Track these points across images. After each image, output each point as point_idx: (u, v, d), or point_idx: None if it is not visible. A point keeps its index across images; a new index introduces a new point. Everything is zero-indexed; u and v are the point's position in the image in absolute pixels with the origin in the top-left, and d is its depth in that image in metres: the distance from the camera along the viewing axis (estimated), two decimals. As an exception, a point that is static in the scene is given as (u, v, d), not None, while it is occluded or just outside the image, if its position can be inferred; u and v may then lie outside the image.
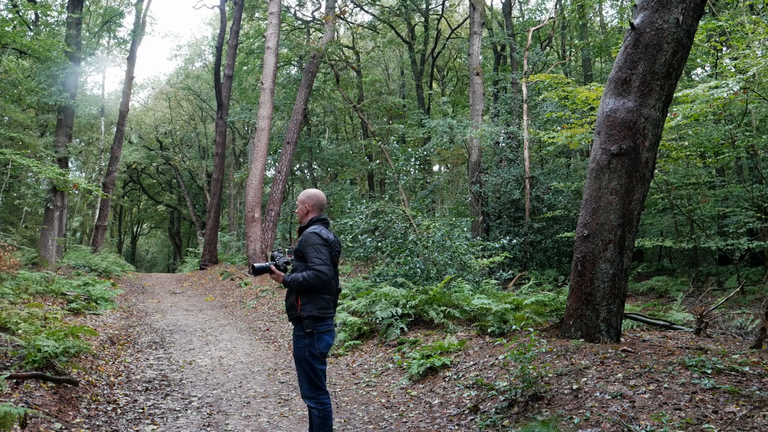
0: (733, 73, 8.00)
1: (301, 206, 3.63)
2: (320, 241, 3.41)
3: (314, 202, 3.62)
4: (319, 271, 3.32)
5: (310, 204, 3.61)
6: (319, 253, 3.38)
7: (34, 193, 18.82)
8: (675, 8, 4.85)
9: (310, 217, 3.60)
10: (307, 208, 3.61)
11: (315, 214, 3.61)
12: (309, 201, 3.61)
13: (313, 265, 3.35)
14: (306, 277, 3.33)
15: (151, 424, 4.38)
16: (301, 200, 3.64)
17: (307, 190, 3.70)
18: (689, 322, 6.87)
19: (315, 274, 3.32)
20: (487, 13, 20.62)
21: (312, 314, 3.36)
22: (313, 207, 3.61)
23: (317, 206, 3.63)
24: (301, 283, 3.35)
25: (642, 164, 4.97)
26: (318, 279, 3.33)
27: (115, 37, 23.99)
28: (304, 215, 3.62)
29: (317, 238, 3.40)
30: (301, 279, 3.35)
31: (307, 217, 3.61)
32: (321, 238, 3.41)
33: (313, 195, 3.65)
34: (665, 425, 3.20)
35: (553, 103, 13.84)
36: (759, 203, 9.93)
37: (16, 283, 8.61)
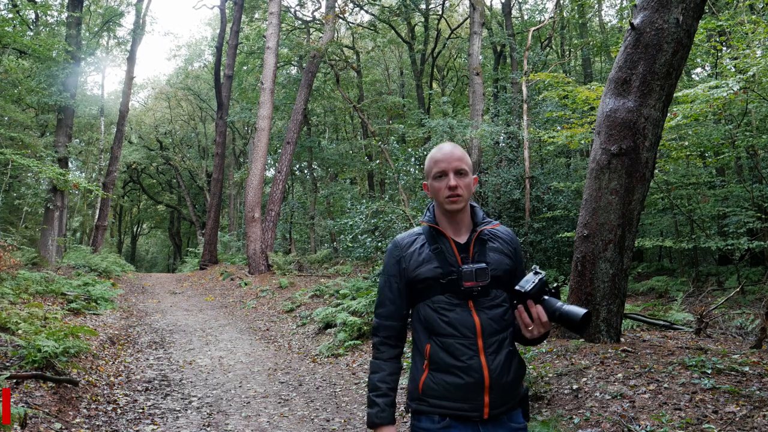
0: (733, 73, 7.99)
1: (471, 173, 1.88)
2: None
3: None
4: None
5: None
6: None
7: (34, 193, 18.81)
8: (675, 8, 4.85)
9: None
10: (475, 181, 1.92)
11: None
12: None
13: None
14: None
15: (151, 424, 4.38)
16: (468, 163, 1.87)
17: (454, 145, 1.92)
18: (689, 322, 6.87)
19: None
20: (487, 13, 20.61)
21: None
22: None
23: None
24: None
25: (642, 164, 4.97)
26: None
27: (115, 37, 23.99)
28: (472, 188, 1.88)
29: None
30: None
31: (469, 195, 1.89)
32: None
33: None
34: (665, 425, 3.20)
35: (553, 103, 13.84)
36: (759, 203, 9.92)
37: (16, 283, 8.61)
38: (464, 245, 1.83)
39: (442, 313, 1.79)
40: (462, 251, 1.82)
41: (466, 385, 1.75)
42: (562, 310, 1.66)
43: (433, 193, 1.87)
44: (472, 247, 1.83)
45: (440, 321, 1.78)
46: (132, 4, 22.57)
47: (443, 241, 1.85)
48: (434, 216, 1.94)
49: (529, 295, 1.70)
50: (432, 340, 1.80)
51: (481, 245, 1.84)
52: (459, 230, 1.87)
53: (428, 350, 1.80)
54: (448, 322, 1.78)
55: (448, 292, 1.78)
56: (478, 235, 1.85)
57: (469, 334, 1.76)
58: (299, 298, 10.43)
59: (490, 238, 1.88)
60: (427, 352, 1.80)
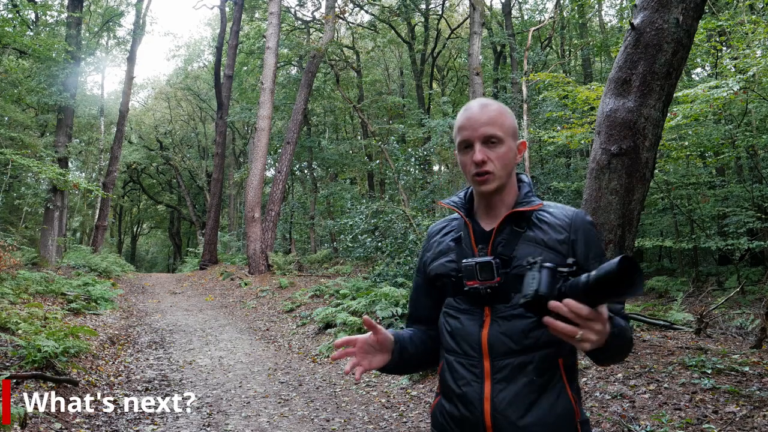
0: (733, 73, 7.99)
1: (512, 139, 1.43)
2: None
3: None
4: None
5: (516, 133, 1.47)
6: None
7: (34, 193, 18.82)
8: (675, 8, 4.85)
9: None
10: (522, 146, 1.47)
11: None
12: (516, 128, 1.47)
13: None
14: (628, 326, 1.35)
15: (151, 424, 4.38)
16: (504, 124, 1.41)
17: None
18: (689, 322, 6.86)
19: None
20: (487, 13, 20.61)
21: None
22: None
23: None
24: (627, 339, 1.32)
25: (642, 164, 4.97)
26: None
27: (115, 37, 23.99)
28: (514, 159, 1.44)
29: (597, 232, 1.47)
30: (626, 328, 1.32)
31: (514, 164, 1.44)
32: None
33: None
34: (665, 425, 3.20)
35: (553, 103, 13.84)
36: (759, 203, 9.93)
37: (16, 283, 8.60)
38: (489, 233, 1.40)
39: (447, 320, 1.42)
40: (482, 241, 1.40)
41: (462, 420, 1.34)
42: (592, 278, 1.08)
43: (461, 167, 1.44)
44: (494, 235, 1.38)
45: (444, 331, 1.43)
46: (132, 4, 22.58)
47: (465, 229, 1.44)
48: (469, 197, 1.52)
49: (541, 297, 1.14)
50: (443, 355, 1.44)
51: (510, 234, 1.38)
52: (494, 212, 1.44)
53: (440, 369, 1.45)
54: (450, 333, 1.40)
55: (458, 294, 1.40)
56: (505, 219, 1.38)
57: (470, 351, 1.35)
58: (299, 298, 10.43)
59: (530, 224, 1.38)
60: (439, 370, 1.45)
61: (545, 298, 1.14)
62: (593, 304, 1.10)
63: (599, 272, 1.07)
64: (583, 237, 1.38)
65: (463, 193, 1.54)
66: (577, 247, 1.36)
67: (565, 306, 1.10)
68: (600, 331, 1.11)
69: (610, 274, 1.04)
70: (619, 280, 1.04)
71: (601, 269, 1.07)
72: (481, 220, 1.45)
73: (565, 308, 1.10)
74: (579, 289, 1.11)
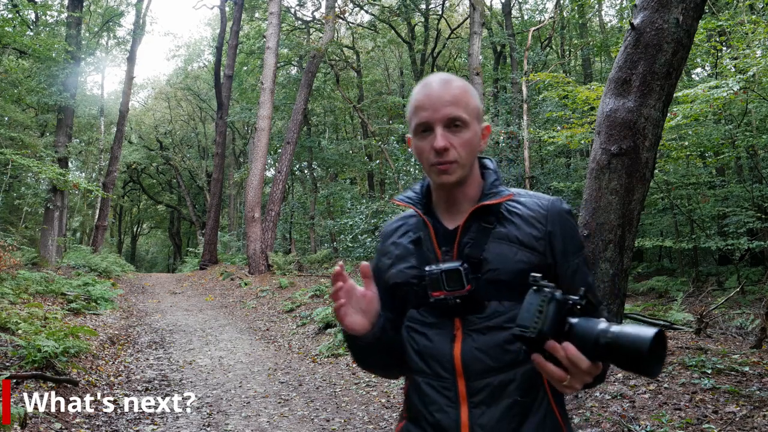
0: (733, 73, 7.99)
1: (477, 122, 1.21)
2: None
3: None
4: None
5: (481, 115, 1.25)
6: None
7: (34, 193, 18.83)
8: (675, 8, 4.85)
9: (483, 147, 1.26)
10: (486, 131, 1.27)
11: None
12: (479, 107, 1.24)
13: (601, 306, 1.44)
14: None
15: (151, 424, 4.38)
16: (468, 104, 1.19)
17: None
18: (689, 322, 6.86)
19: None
20: (487, 13, 20.61)
21: None
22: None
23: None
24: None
25: (642, 164, 4.97)
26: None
27: (115, 37, 24.00)
28: (478, 145, 1.23)
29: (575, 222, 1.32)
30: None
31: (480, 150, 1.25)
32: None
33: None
34: (665, 425, 3.20)
35: (553, 103, 13.84)
36: (759, 203, 9.93)
37: (16, 283, 8.60)
38: (453, 232, 1.20)
39: (412, 336, 1.22)
40: (446, 242, 1.20)
41: None
42: (610, 339, 0.91)
43: (416, 154, 1.22)
44: (459, 235, 1.18)
45: (410, 349, 1.22)
46: (132, 4, 22.58)
47: (425, 228, 1.23)
48: (425, 191, 1.30)
49: (543, 334, 0.97)
50: (411, 375, 1.23)
51: (479, 231, 1.18)
52: (456, 208, 1.23)
53: (406, 388, 1.26)
54: (417, 351, 1.20)
55: (422, 306, 1.20)
56: (473, 215, 1.18)
57: (442, 371, 1.15)
58: (299, 298, 10.43)
59: (502, 218, 1.19)
60: (405, 391, 1.26)
61: (543, 335, 0.97)
62: (595, 360, 0.96)
63: (622, 338, 0.90)
64: (560, 230, 1.20)
65: (419, 187, 1.32)
66: (555, 242, 1.19)
67: (564, 351, 0.96)
68: (588, 382, 1.00)
69: (638, 353, 0.88)
70: (641, 357, 0.88)
71: (626, 336, 0.90)
72: (443, 218, 1.25)
73: (562, 353, 0.97)
74: (589, 342, 0.94)
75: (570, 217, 1.23)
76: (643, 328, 0.89)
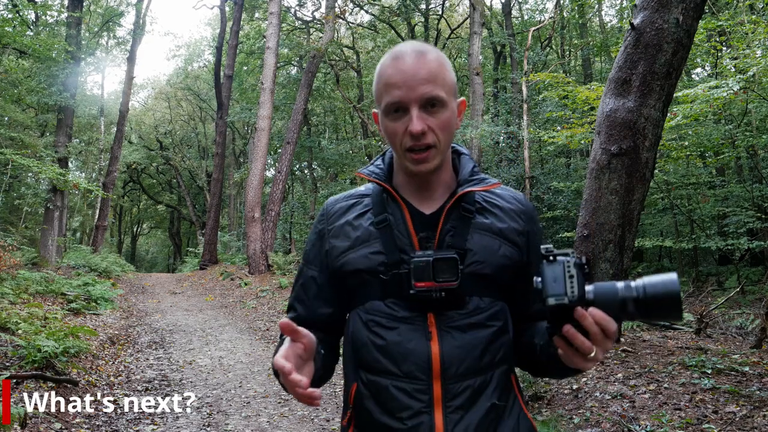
0: (733, 73, 7.99)
1: (454, 98, 1.11)
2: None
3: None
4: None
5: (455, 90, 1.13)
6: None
7: (34, 193, 18.82)
8: (675, 8, 4.85)
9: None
10: (462, 106, 1.15)
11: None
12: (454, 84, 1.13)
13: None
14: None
15: (151, 424, 4.38)
16: (444, 80, 1.07)
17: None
18: (689, 322, 6.87)
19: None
20: (487, 13, 20.61)
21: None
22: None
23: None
24: None
25: (642, 164, 4.97)
26: None
27: (115, 37, 24.00)
28: (456, 125, 1.11)
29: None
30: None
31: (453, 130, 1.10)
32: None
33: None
34: (665, 425, 3.20)
35: (553, 103, 13.84)
36: (759, 203, 9.93)
37: (16, 283, 8.61)
38: (430, 217, 1.09)
39: (376, 331, 1.06)
40: (423, 228, 1.08)
41: None
42: (639, 290, 0.89)
43: (386, 135, 1.08)
44: (442, 221, 1.08)
45: (371, 345, 1.06)
46: (132, 4, 22.59)
47: (395, 209, 1.10)
48: (389, 167, 1.18)
49: (580, 300, 0.90)
50: (360, 376, 1.08)
51: (459, 220, 1.09)
52: (429, 194, 1.12)
53: (353, 393, 1.10)
54: (383, 349, 1.05)
55: (392, 297, 1.06)
56: (455, 202, 1.09)
57: (417, 372, 1.03)
58: (299, 298, 10.42)
59: (480, 209, 1.12)
60: (352, 397, 1.10)
61: (577, 302, 0.90)
62: (622, 320, 0.92)
63: (650, 289, 0.88)
64: (537, 230, 1.16)
65: (381, 161, 1.19)
66: (531, 241, 1.13)
67: (592, 317, 0.88)
68: (609, 349, 0.92)
69: (672, 297, 0.86)
70: (673, 303, 0.87)
71: (653, 286, 0.87)
72: (412, 200, 1.12)
73: (590, 320, 0.88)
74: (615, 303, 0.90)
75: (537, 214, 1.20)
76: (661, 275, 0.88)
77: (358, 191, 1.20)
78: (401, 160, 1.09)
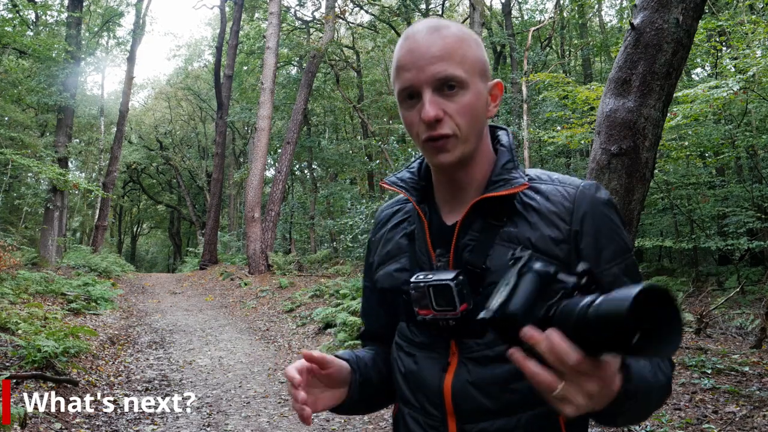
0: (733, 73, 7.99)
1: (481, 80, 0.93)
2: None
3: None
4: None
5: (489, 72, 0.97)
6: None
7: (34, 193, 18.82)
8: (675, 8, 4.85)
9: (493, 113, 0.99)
10: (498, 90, 1.00)
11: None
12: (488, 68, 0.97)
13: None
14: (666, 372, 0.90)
15: (151, 424, 4.38)
16: (465, 57, 0.89)
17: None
18: (689, 322, 6.86)
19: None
20: (487, 13, 20.62)
21: None
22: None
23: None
24: (656, 396, 0.88)
25: (642, 164, 4.96)
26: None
27: (115, 37, 23.99)
28: (486, 111, 0.97)
29: (617, 216, 0.93)
30: (656, 378, 0.87)
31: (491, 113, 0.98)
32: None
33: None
34: (665, 425, 3.19)
35: (553, 103, 13.84)
36: (759, 203, 9.93)
37: (16, 283, 8.61)
38: (450, 229, 0.94)
39: (399, 356, 0.98)
40: (441, 242, 0.94)
41: None
42: (591, 310, 0.62)
43: (406, 128, 0.95)
44: (457, 234, 0.92)
45: (396, 369, 0.99)
46: (132, 4, 22.59)
47: (417, 219, 0.99)
48: (425, 167, 1.03)
49: (510, 317, 0.68)
50: (398, 402, 1.02)
51: (482, 230, 0.91)
52: (461, 194, 0.96)
53: (394, 413, 1.04)
54: (403, 376, 0.97)
55: (413, 322, 0.95)
56: (473, 208, 0.92)
57: (428, 406, 0.92)
58: (299, 298, 10.43)
59: (512, 213, 0.92)
60: (393, 414, 1.05)
61: (517, 320, 0.67)
62: (590, 351, 0.63)
63: (604, 304, 0.61)
64: (592, 228, 0.88)
65: (417, 165, 1.05)
66: (583, 244, 0.88)
67: (545, 340, 0.64)
68: (595, 394, 0.64)
69: (616, 315, 0.58)
70: (630, 326, 0.57)
71: (610, 299, 0.61)
72: (442, 208, 0.98)
73: (543, 343, 0.64)
74: (570, 320, 0.64)
75: (609, 209, 0.91)
76: (625, 290, 0.59)
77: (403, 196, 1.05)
78: (424, 154, 0.95)
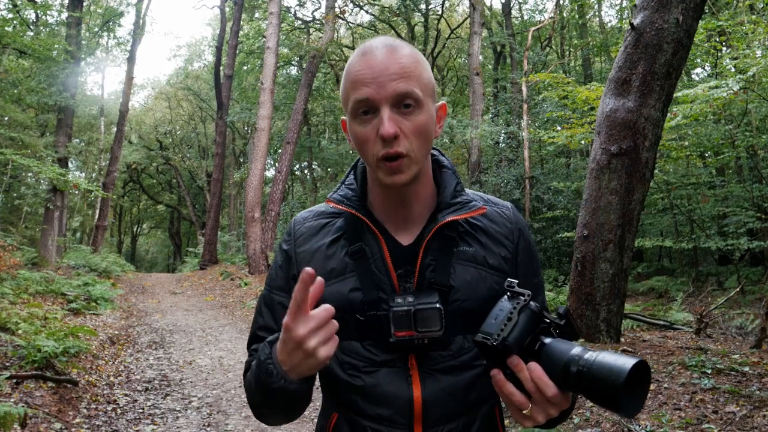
0: (733, 73, 8.00)
1: (431, 100, 0.95)
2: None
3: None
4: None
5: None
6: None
7: (34, 193, 18.82)
8: (675, 8, 4.85)
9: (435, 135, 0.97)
10: (442, 111, 1.00)
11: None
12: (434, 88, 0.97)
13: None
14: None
15: (151, 424, 4.38)
16: (421, 75, 0.92)
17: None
18: (689, 322, 6.87)
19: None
20: (487, 13, 20.62)
21: None
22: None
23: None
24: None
25: (642, 164, 4.97)
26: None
27: (115, 37, 24.00)
28: (434, 131, 0.96)
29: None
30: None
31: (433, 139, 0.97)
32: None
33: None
34: (665, 425, 3.20)
35: (553, 103, 13.85)
36: (759, 203, 9.93)
37: (16, 283, 8.60)
38: (408, 250, 0.97)
39: (353, 374, 0.97)
40: (402, 262, 0.96)
41: None
42: (585, 363, 0.77)
43: (356, 144, 0.94)
44: (422, 254, 0.96)
45: (348, 387, 0.97)
46: (132, 4, 22.59)
47: (371, 240, 0.98)
48: (362, 184, 1.04)
49: (507, 345, 0.82)
50: (340, 410, 1.00)
51: (440, 251, 0.96)
52: (407, 213, 0.99)
53: (333, 424, 1.01)
54: (361, 391, 0.96)
55: (370, 339, 0.96)
56: (436, 231, 0.96)
57: (396, 416, 0.95)
58: (299, 298, 10.42)
59: (463, 233, 0.99)
60: (331, 427, 1.01)
61: (508, 348, 0.82)
62: (564, 389, 0.81)
63: (596, 368, 0.76)
64: (525, 246, 1.02)
65: (353, 176, 1.05)
66: (520, 258, 1.01)
67: (530, 373, 0.80)
68: (552, 416, 0.83)
69: (613, 386, 0.74)
70: (624, 394, 0.74)
71: (600, 365, 0.75)
72: (388, 226, 0.99)
73: (527, 374, 0.80)
74: (559, 367, 0.80)
75: (527, 228, 1.05)
76: (623, 357, 0.75)
77: (329, 209, 1.06)
78: (374, 171, 0.95)
